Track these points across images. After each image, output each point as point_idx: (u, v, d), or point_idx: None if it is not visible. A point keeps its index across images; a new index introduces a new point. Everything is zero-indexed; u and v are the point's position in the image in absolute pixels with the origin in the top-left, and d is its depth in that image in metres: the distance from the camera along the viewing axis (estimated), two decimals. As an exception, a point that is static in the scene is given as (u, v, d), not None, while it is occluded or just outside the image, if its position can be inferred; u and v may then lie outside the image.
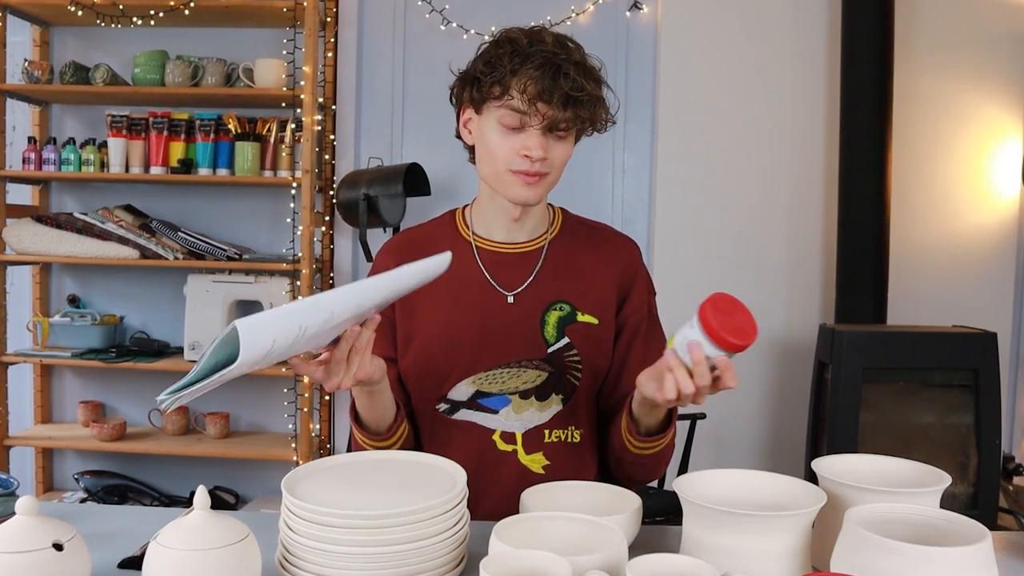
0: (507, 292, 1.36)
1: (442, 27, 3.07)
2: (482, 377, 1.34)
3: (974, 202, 3.02)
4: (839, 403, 2.57)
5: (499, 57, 1.24)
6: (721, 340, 1.04)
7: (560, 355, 1.34)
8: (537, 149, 1.24)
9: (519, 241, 1.39)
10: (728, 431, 3.05)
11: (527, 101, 1.22)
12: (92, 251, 2.92)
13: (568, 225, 1.43)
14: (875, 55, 2.81)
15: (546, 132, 1.24)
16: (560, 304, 1.35)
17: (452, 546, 0.98)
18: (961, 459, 2.60)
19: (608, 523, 0.99)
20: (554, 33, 1.27)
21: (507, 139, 1.26)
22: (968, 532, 0.91)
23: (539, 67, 1.21)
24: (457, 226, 1.42)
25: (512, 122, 1.24)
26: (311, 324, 0.95)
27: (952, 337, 2.63)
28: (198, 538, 0.88)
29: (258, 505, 3.05)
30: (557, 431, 1.35)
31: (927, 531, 0.94)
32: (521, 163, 1.26)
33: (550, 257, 1.38)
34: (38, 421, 3.20)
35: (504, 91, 1.23)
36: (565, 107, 1.22)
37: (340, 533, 0.93)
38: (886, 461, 1.13)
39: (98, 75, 2.93)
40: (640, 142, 3.14)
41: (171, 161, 2.98)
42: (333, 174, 3.14)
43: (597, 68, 1.28)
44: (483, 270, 1.37)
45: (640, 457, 1.31)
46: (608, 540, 0.95)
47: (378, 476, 1.08)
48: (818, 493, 1.01)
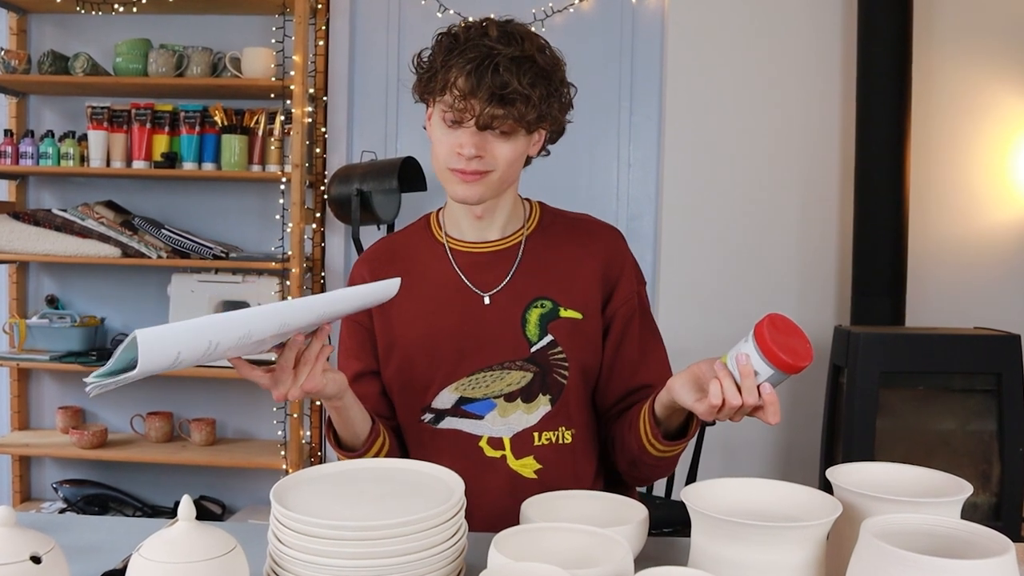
0: (483, 293, 1.37)
1: (439, 14, 3.07)
2: (464, 382, 1.35)
3: (997, 198, 3.02)
4: (855, 409, 2.57)
5: (437, 51, 1.27)
6: (774, 357, 1.06)
7: (544, 354, 1.35)
8: (469, 147, 1.25)
9: (492, 239, 1.40)
10: (738, 438, 3.04)
11: (458, 96, 1.23)
12: (71, 249, 2.92)
13: (546, 219, 1.44)
14: (893, 43, 2.80)
15: (482, 129, 1.25)
16: (541, 301, 1.36)
17: (450, 559, 0.98)
18: (983, 467, 2.60)
19: (613, 535, 0.99)
20: (508, 26, 1.27)
21: (447, 135, 1.28)
22: (991, 544, 0.90)
23: (470, 61, 1.22)
24: (431, 229, 1.44)
25: (448, 116, 1.26)
26: (223, 340, 0.96)
27: (974, 339, 2.63)
28: (183, 550, 0.88)
29: (246, 516, 3.05)
30: (547, 433, 1.36)
31: (948, 543, 0.94)
32: (456, 160, 1.27)
33: (528, 253, 1.39)
34: (15, 428, 3.20)
35: (441, 86, 1.25)
36: (495, 104, 1.22)
37: (332, 545, 0.93)
38: (904, 470, 1.12)
39: (78, 65, 2.93)
40: (646, 134, 3.14)
41: (154, 155, 2.98)
42: (324, 168, 3.14)
43: (550, 63, 1.27)
44: (458, 272, 1.39)
45: (660, 460, 1.32)
46: (613, 552, 0.95)
47: (372, 485, 1.08)
48: (833, 503, 1.01)
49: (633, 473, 1.40)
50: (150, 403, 3.16)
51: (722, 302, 3.03)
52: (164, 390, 3.18)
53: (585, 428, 1.40)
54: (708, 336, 2.92)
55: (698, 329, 2.96)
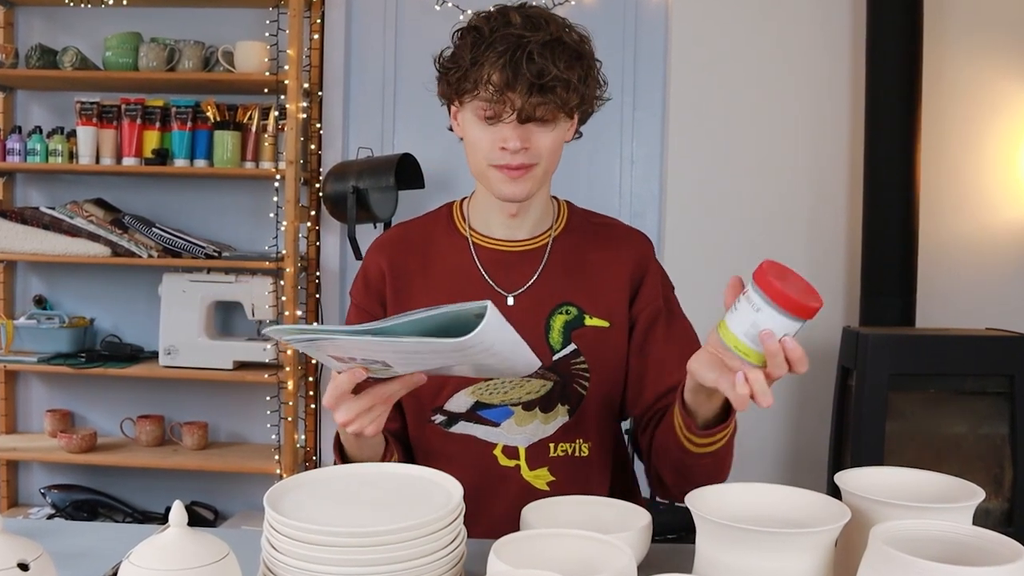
0: (507, 293, 1.36)
1: (437, 7, 3.07)
2: (482, 387, 1.34)
3: (1009, 196, 3.02)
4: (864, 412, 2.57)
5: (462, 48, 1.24)
6: (797, 307, 0.97)
7: (566, 363, 1.34)
8: (514, 140, 1.24)
9: (520, 238, 1.39)
10: (745, 442, 3.02)
11: (494, 91, 1.21)
12: (60, 248, 2.92)
13: (575, 220, 1.43)
14: (902, 38, 2.80)
15: (524, 122, 1.24)
16: (566, 307, 1.35)
17: (447, 566, 0.98)
18: (995, 472, 2.60)
19: (615, 541, 0.99)
20: (527, 10, 1.25)
21: (486, 131, 1.26)
22: (1003, 551, 0.90)
23: (502, 54, 1.20)
24: (454, 221, 1.42)
25: (486, 113, 1.24)
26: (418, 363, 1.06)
27: (986, 341, 2.63)
28: (174, 557, 0.88)
29: (239, 521, 3.05)
30: (563, 444, 1.35)
31: (959, 549, 0.94)
32: (500, 156, 1.26)
33: (555, 255, 1.38)
34: (2, 431, 3.20)
35: (472, 84, 1.23)
36: (535, 94, 1.21)
37: (327, 552, 0.93)
38: (914, 474, 1.12)
39: (66, 59, 2.93)
40: (650, 131, 3.14)
41: (145, 151, 2.98)
42: (319, 165, 3.14)
43: (578, 42, 1.25)
44: (481, 269, 1.37)
45: (703, 457, 1.24)
46: (615, 559, 0.95)
47: (368, 490, 1.08)
48: (841, 509, 1.01)
49: (681, 484, 1.25)
50: (141, 406, 3.16)
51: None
52: (155, 393, 3.18)
53: (601, 442, 1.38)
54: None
55: (702, 331, 2.95)
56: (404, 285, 1.38)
